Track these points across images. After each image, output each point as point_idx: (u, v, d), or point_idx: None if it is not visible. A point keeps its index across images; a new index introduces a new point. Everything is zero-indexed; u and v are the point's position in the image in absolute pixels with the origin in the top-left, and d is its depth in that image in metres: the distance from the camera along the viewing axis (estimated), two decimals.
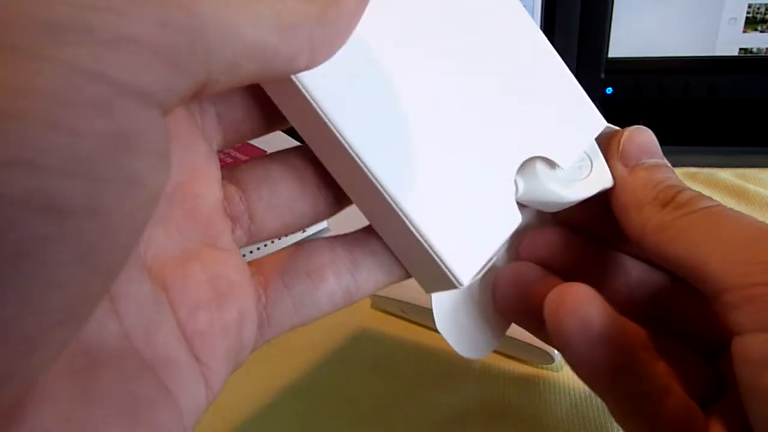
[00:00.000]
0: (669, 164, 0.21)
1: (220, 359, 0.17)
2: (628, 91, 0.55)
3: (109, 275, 0.12)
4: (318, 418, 0.31)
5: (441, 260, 0.18)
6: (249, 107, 0.18)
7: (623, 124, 0.22)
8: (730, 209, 0.18)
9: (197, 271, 0.16)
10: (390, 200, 0.17)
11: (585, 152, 0.21)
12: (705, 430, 0.19)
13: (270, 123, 0.19)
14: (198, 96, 0.13)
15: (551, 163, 0.20)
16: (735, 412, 0.19)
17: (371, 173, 0.17)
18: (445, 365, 0.34)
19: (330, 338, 0.36)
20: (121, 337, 0.15)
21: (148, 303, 0.15)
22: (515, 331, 0.32)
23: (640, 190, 0.19)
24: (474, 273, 0.18)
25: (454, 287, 0.18)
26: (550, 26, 0.54)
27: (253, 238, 0.18)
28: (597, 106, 0.22)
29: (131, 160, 0.11)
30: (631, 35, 0.53)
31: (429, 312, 0.35)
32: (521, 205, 0.20)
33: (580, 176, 0.21)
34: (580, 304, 0.17)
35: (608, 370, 0.18)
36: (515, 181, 0.20)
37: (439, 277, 0.18)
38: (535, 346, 0.32)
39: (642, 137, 0.21)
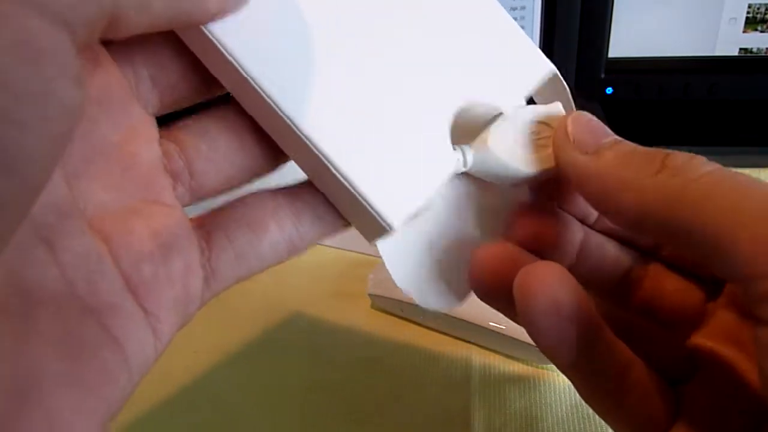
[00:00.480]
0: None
1: (168, 310, 0.17)
2: (628, 91, 0.55)
3: (31, 185, 0.12)
4: (318, 417, 0.31)
5: (368, 203, 0.17)
6: (183, 71, 0.18)
7: (623, 124, 0.22)
8: (737, 173, 0.16)
9: (139, 225, 0.17)
10: (313, 148, 0.17)
11: (545, 122, 0.20)
12: (674, 408, 0.19)
13: (206, 87, 0.19)
14: (113, 33, 0.13)
15: (503, 134, 0.19)
16: (707, 393, 0.19)
17: (291, 121, 0.17)
18: (445, 365, 0.34)
19: (329, 338, 0.36)
20: (62, 284, 0.15)
21: (90, 255, 0.16)
22: (515, 331, 0.32)
23: (619, 169, 0.17)
24: (404, 217, 0.18)
25: (386, 231, 0.18)
26: (550, 26, 0.54)
27: (195, 195, 0.19)
28: (597, 107, 0.22)
29: (41, 75, 0.12)
30: (631, 35, 0.53)
31: (429, 312, 0.35)
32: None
33: (538, 147, 0.19)
34: (551, 284, 0.17)
35: (573, 348, 0.17)
36: (463, 151, 0.19)
37: (371, 223, 0.18)
38: (533, 345, 0.32)
39: (588, 120, 0.19)
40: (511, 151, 0.19)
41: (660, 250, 0.22)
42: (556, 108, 0.20)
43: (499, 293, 0.19)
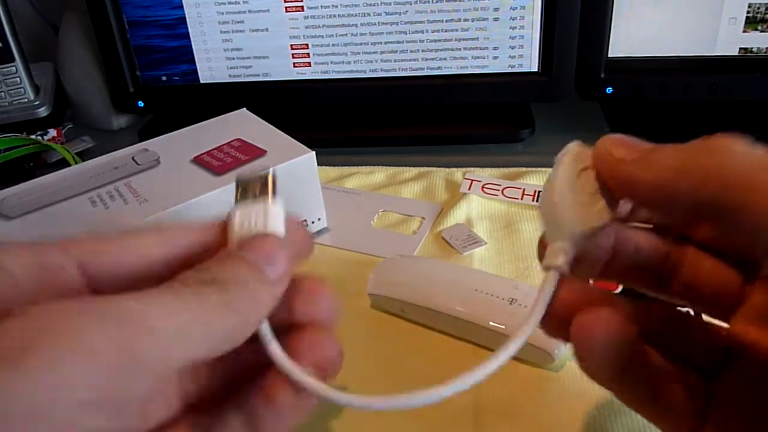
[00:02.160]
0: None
1: None
2: (628, 91, 0.55)
3: None
4: (318, 417, 0.31)
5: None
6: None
7: (623, 123, 0.22)
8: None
9: None
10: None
11: (583, 167, 0.21)
12: (705, 403, 0.20)
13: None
14: None
15: (579, 211, 0.20)
16: (742, 382, 0.20)
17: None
18: (445, 365, 0.34)
19: None
20: None
21: None
22: (515, 330, 0.32)
23: (664, 166, 0.18)
24: None
25: None
26: (550, 26, 0.54)
27: None
28: (597, 106, 0.22)
29: None
30: (631, 35, 0.53)
31: (429, 312, 0.35)
32: None
33: (598, 198, 0.20)
34: (608, 338, 0.19)
35: (617, 375, 0.20)
36: (563, 248, 0.20)
37: None
38: (535, 346, 0.32)
39: (620, 138, 0.20)
40: (588, 218, 0.20)
41: (694, 235, 0.22)
42: (575, 145, 0.21)
43: (561, 327, 0.21)
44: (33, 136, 0.60)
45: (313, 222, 0.44)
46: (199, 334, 0.17)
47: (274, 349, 0.19)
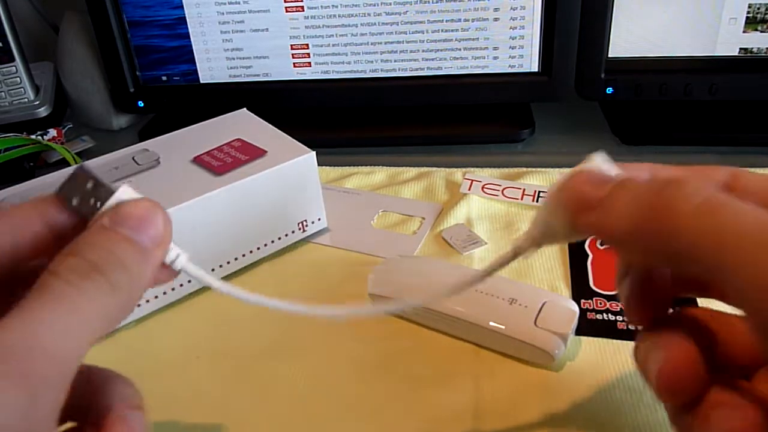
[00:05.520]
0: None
1: None
2: (628, 91, 0.55)
3: None
4: (318, 418, 0.31)
5: None
6: None
7: (623, 123, 0.23)
8: (730, 198, 0.17)
9: None
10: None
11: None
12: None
13: None
14: None
15: None
16: None
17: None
18: (445, 365, 0.34)
19: (330, 338, 0.36)
20: None
21: None
22: (515, 330, 0.33)
23: (625, 218, 0.19)
24: None
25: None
26: (550, 26, 0.54)
27: None
28: (597, 106, 0.22)
29: None
30: (631, 35, 0.53)
31: (429, 312, 0.35)
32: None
33: None
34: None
35: None
36: (530, 233, 0.22)
37: None
38: (535, 346, 0.32)
39: (588, 174, 0.20)
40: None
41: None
42: (598, 157, 0.21)
43: (684, 399, 0.21)
44: (33, 136, 0.60)
45: (313, 222, 0.44)
46: (91, 331, 0.18)
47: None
